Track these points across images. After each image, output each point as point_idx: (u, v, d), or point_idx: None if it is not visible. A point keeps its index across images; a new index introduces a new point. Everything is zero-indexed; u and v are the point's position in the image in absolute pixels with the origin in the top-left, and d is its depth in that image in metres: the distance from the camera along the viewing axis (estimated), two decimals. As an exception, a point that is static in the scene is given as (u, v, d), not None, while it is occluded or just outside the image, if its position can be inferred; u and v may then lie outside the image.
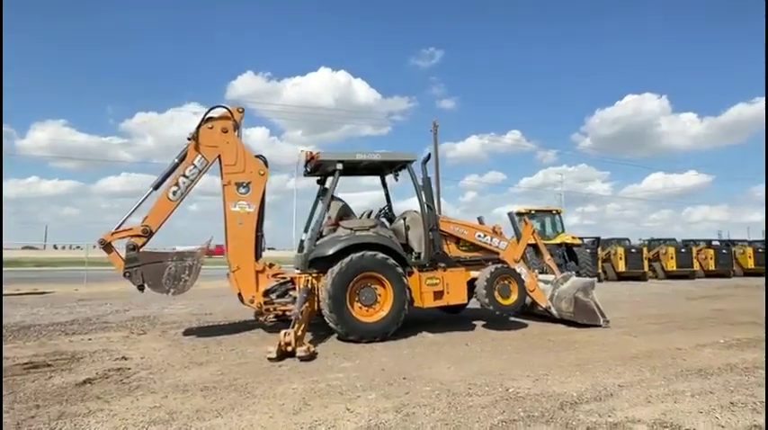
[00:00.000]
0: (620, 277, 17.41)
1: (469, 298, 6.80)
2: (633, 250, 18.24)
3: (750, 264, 20.17)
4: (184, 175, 5.92)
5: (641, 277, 17.88)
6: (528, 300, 6.98)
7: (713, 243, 20.78)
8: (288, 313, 6.39)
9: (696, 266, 19.01)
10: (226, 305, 9.48)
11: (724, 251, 19.72)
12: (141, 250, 5.74)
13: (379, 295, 5.97)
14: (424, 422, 3.12)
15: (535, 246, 8.21)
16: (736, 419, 3.16)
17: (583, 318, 6.77)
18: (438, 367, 4.60)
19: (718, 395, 3.69)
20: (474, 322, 7.29)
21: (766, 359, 4.66)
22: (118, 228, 5.71)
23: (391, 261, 5.93)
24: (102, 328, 6.87)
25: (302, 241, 7.12)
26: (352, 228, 6.12)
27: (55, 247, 61.03)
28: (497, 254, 7.00)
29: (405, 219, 6.70)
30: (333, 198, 6.40)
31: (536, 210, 15.80)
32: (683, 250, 18.94)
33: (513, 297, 6.47)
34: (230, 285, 6.28)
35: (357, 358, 4.96)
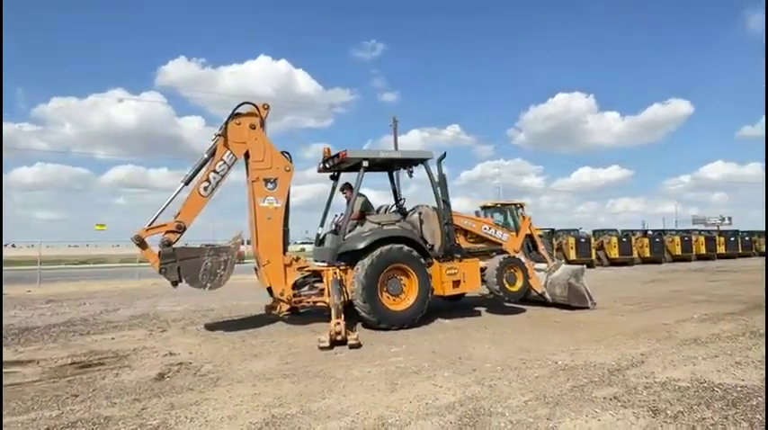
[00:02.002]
0: (571, 264, 18.91)
1: None
2: (583, 240, 19.87)
3: (678, 250, 22.66)
4: (215, 171, 5.95)
5: (589, 265, 19.52)
6: None
7: (648, 233, 23.04)
8: (308, 305, 6.63)
9: (635, 254, 21.09)
10: (221, 302, 9.39)
11: (657, 240, 22.00)
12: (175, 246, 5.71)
13: (404, 285, 6.36)
14: (509, 391, 3.59)
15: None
16: (748, 375, 3.91)
17: (575, 301, 7.56)
18: (479, 347, 5.09)
19: (723, 358, 4.47)
20: (476, 308, 7.89)
21: (766, 337, 5.45)
22: (151, 223, 5.66)
23: (416, 253, 6.34)
24: (113, 328, 6.69)
25: (318, 235, 7.34)
26: (380, 223, 6.44)
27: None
28: (500, 245, 7.63)
29: (420, 213, 7.10)
30: (358, 194, 6.68)
31: (501, 204, 16.79)
32: (624, 239, 20.91)
33: (519, 284, 7.12)
34: (259, 279, 6.38)
35: (402, 344, 5.33)
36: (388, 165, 7.55)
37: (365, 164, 6.48)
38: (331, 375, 4.10)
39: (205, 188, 5.90)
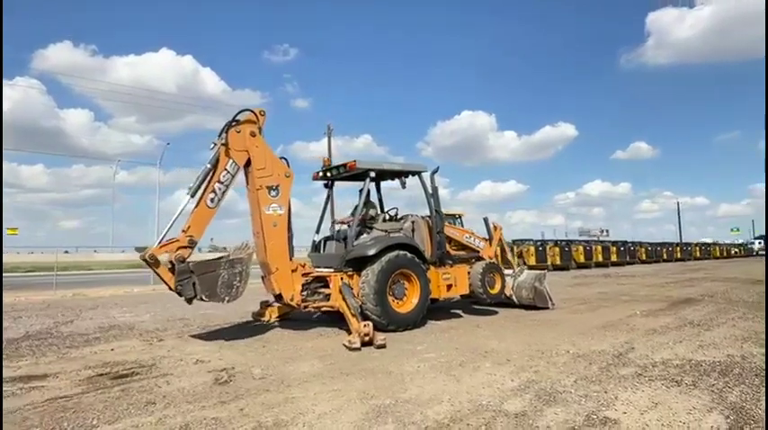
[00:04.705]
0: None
1: None
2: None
3: (581, 259, 25.72)
4: (219, 181, 5.90)
5: (513, 271, 21.47)
6: None
7: (558, 242, 25.85)
8: (312, 310, 6.77)
9: (549, 261, 23.55)
10: (187, 311, 8.90)
11: (566, 249, 24.79)
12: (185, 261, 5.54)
13: (406, 289, 6.78)
14: (554, 374, 4.20)
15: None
16: (714, 354, 4.95)
17: (539, 302, 8.54)
18: (491, 343, 5.67)
19: (686, 343, 5.54)
20: (452, 311, 8.53)
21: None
22: (161, 241, 5.44)
23: (417, 259, 6.81)
24: (95, 340, 6.22)
25: (314, 241, 7.49)
26: (386, 230, 6.80)
27: None
28: (478, 252, 8.38)
29: (413, 222, 7.58)
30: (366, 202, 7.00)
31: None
32: (540, 248, 23.29)
33: (497, 287, 7.90)
34: (267, 286, 6.39)
35: (422, 343, 5.73)
36: (380, 176, 7.93)
37: (372, 174, 6.84)
38: (387, 371, 4.40)
39: (212, 200, 5.82)
